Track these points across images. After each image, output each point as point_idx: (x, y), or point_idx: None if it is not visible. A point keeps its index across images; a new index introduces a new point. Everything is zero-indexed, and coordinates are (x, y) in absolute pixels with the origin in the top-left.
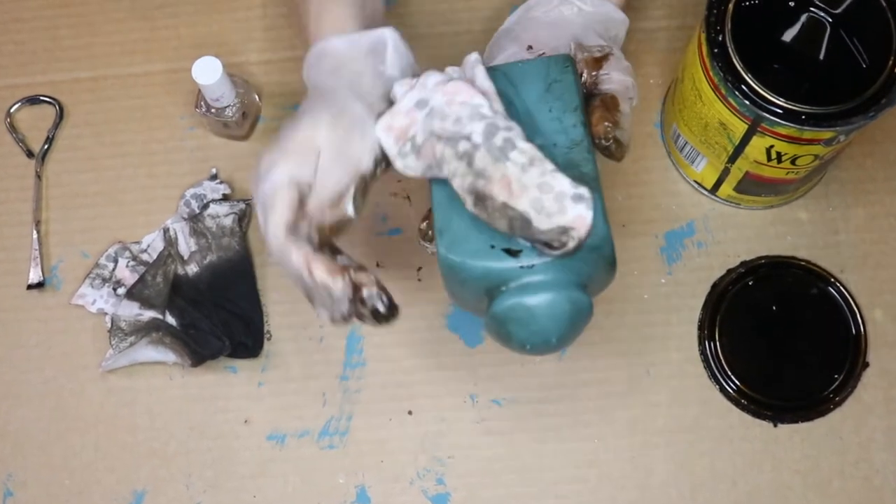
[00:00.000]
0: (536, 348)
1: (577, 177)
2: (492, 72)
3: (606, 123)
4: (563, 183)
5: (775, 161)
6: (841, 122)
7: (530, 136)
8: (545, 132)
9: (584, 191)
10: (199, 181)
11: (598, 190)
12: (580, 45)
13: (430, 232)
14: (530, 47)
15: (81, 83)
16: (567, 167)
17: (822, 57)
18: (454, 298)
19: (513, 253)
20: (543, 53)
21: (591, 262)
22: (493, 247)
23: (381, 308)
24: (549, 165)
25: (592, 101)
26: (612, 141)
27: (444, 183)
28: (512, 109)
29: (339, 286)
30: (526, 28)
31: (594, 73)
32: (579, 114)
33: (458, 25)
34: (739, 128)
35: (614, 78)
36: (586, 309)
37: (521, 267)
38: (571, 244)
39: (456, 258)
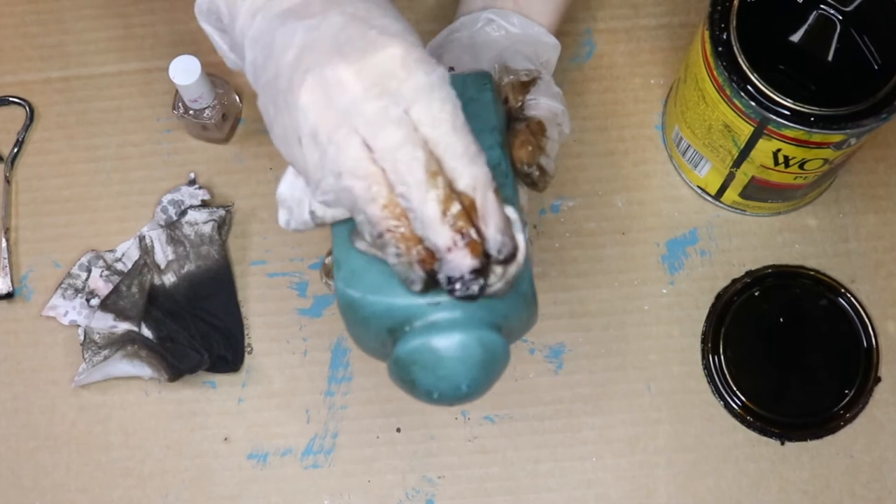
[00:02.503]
0: (444, 397)
1: None
2: None
3: (530, 147)
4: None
5: (783, 165)
6: (852, 125)
7: None
8: None
9: (510, 211)
10: (176, 186)
11: (517, 208)
12: (506, 68)
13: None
14: (452, 69)
15: (53, 83)
16: None
17: (831, 56)
18: (356, 341)
19: None
20: None
21: (507, 300)
22: (396, 280)
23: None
24: None
25: (517, 125)
26: (534, 167)
27: (348, 223)
28: None
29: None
30: (449, 50)
31: (520, 98)
32: (497, 135)
33: None
34: (745, 130)
35: (542, 104)
36: (501, 352)
37: (428, 303)
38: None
39: (355, 293)
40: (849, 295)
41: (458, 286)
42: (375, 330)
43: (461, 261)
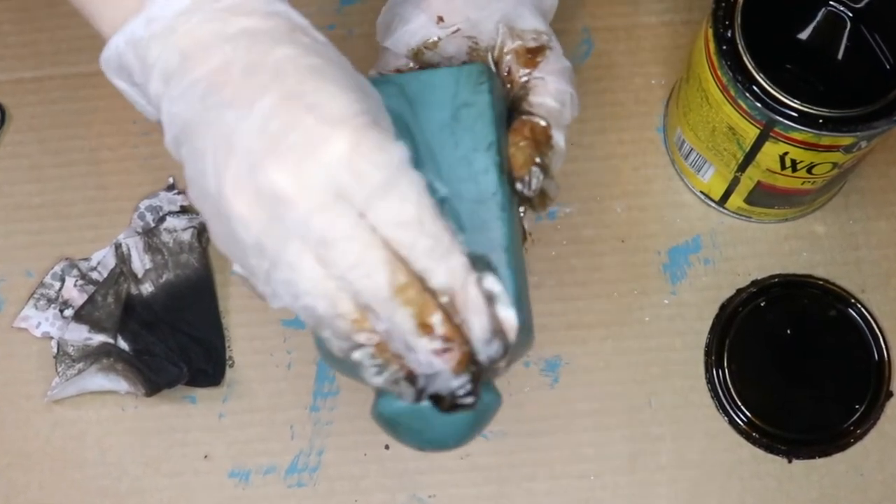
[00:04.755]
0: (428, 450)
1: (485, 243)
2: (383, 84)
3: (533, 168)
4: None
5: (790, 170)
6: (862, 127)
7: (430, 180)
8: (449, 177)
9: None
10: (154, 192)
11: (511, 252)
12: (512, 30)
13: None
14: (441, 19)
15: (24, 84)
16: (472, 230)
17: (841, 55)
18: (332, 367)
19: None
20: (458, 30)
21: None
22: None
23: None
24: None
25: (515, 120)
26: (531, 180)
27: None
28: (407, 138)
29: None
30: None
31: (526, 73)
32: (493, 154)
33: None
34: (750, 133)
35: (550, 87)
36: (492, 407)
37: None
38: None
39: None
40: (859, 305)
41: (446, 405)
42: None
43: (447, 381)
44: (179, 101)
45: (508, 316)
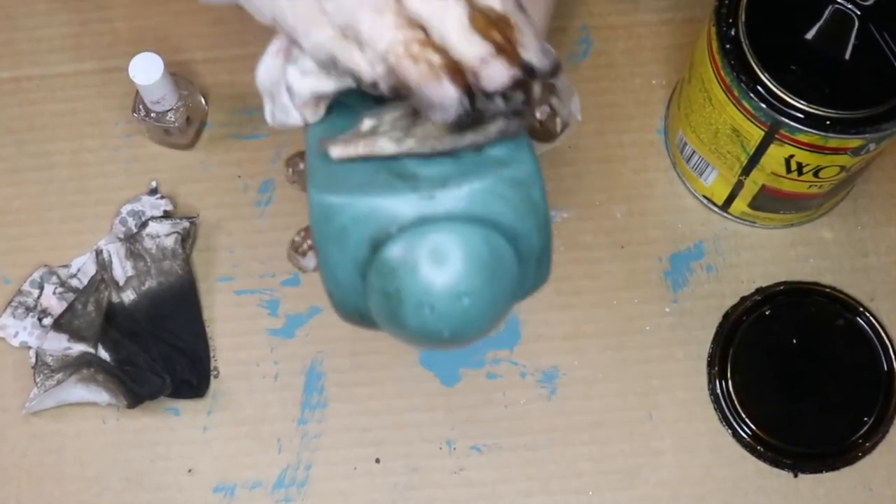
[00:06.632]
0: (439, 315)
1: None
2: None
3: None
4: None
5: (795, 173)
6: (871, 129)
7: None
8: None
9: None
10: (136, 196)
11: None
12: None
13: (305, 243)
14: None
15: (2, 84)
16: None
17: (848, 55)
18: (328, 279)
19: (407, 179)
20: None
21: (514, 204)
22: (379, 175)
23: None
24: None
25: None
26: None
27: (322, 124)
28: None
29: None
30: None
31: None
32: None
33: None
34: (755, 135)
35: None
36: (509, 263)
37: (420, 197)
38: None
39: (333, 197)
40: (867, 314)
41: (498, 100)
42: (355, 243)
43: (499, 72)
44: None
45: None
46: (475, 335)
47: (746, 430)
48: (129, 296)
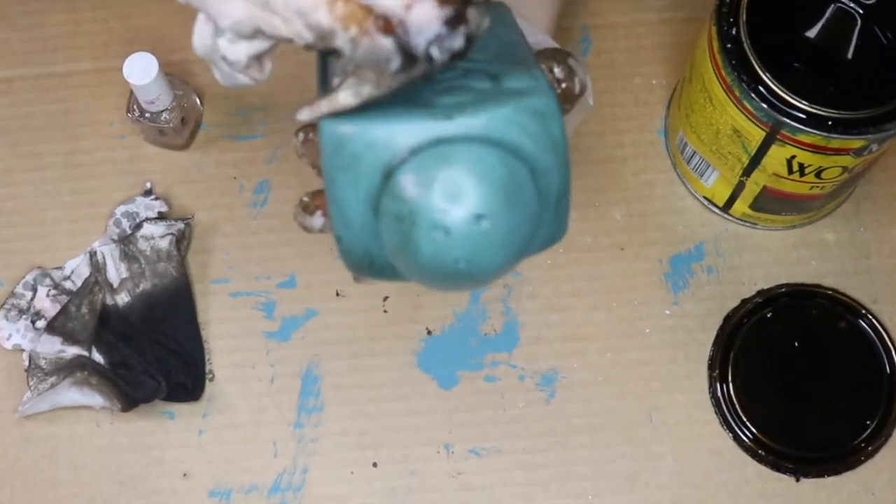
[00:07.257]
0: (454, 240)
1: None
2: None
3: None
4: None
5: (797, 174)
6: (873, 129)
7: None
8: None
9: None
10: (130, 197)
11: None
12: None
13: (313, 203)
14: None
15: None
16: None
17: (851, 54)
18: (336, 214)
19: (425, 107)
20: None
21: (533, 134)
22: (395, 105)
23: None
24: None
25: None
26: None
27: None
28: None
29: None
30: None
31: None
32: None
33: None
34: (756, 135)
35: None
36: (527, 186)
37: (436, 120)
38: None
39: (346, 125)
40: (870, 316)
41: (435, 50)
42: (367, 172)
43: (427, 16)
44: None
45: None
46: (491, 269)
47: (747, 433)
48: (123, 298)
